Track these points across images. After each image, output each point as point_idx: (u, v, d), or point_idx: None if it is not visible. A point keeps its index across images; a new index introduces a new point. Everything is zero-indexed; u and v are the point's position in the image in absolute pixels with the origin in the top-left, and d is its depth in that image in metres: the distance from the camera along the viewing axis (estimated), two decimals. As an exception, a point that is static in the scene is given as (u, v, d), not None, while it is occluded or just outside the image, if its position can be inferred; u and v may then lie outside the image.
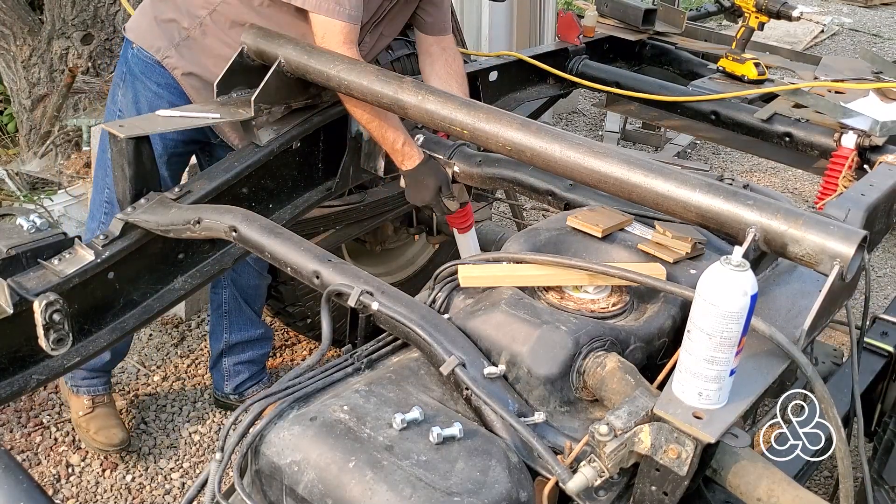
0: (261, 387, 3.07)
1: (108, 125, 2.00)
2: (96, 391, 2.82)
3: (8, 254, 1.79)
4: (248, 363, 3.02)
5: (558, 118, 5.84)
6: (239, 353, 2.98)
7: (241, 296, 2.88)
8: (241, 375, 3.02)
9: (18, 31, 4.03)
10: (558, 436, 1.34)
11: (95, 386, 2.82)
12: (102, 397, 2.84)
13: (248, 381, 3.04)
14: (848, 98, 2.51)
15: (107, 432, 2.79)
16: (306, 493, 1.22)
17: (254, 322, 2.95)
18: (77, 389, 2.81)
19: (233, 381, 3.03)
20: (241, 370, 3.02)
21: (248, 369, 3.03)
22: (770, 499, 1.21)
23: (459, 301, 1.58)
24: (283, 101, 2.21)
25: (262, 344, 3.03)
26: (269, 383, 3.10)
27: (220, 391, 3.07)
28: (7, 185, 4.01)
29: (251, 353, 3.01)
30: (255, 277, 2.86)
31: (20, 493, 1.31)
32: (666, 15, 3.40)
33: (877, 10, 9.74)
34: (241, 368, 3.01)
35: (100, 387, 2.83)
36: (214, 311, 2.93)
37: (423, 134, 2.34)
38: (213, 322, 2.96)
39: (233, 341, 2.95)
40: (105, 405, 2.84)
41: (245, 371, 3.02)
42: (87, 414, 2.81)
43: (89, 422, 2.80)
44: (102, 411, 2.83)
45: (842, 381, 2.10)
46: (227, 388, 3.04)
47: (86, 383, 2.80)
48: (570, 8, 6.77)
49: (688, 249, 1.62)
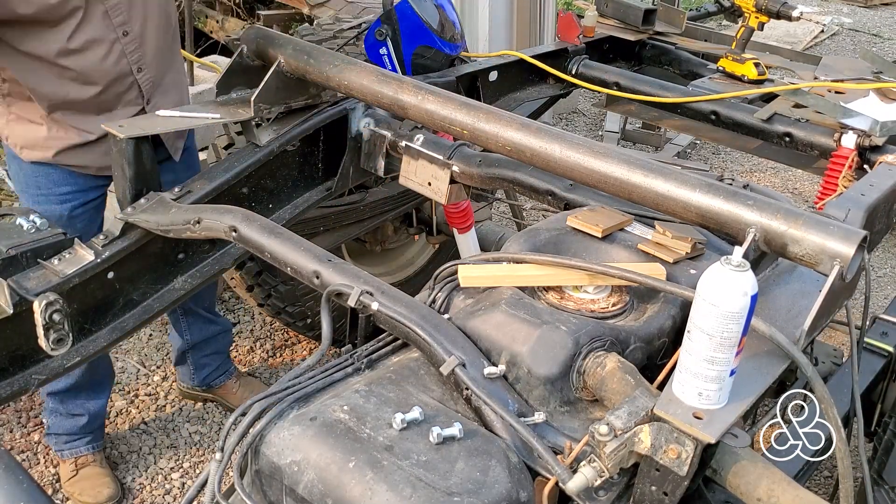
0: (227, 377, 3.11)
1: (107, 125, 2.00)
2: (78, 452, 2.75)
3: (8, 254, 1.79)
4: (213, 355, 3.05)
5: (558, 118, 5.84)
6: (203, 348, 3.01)
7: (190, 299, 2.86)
8: (208, 368, 3.07)
9: (18, 31, 4.01)
10: (558, 436, 1.34)
11: (77, 447, 2.74)
12: (86, 457, 2.76)
13: (214, 373, 3.09)
14: (848, 98, 2.51)
15: (92, 492, 2.71)
16: (306, 493, 1.22)
17: (210, 320, 2.97)
18: (62, 454, 2.75)
19: (200, 374, 3.07)
20: (207, 363, 3.06)
21: (214, 361, 3.07)
22: (770, 499, 1.21)
23: (459, 301, 1.58)
24: (283, 101, 2.21)
25: (222, 337, 3.06)
26: (235, 373, 3.15)
27: (185, 384, 3.12)
28: (7, 186, 4.01)
29: (214, 346, 3.04)
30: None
31: (20, 493, 1.31)
32: (666, 15, 3.39)
33: (877, 10, 9.73)
34: (207, 361, 3.05)
35: (82, 447, 2.75)
36: (171, 314, 2.92)
37: (423, 134, 2.34)
38: (171, 323, 2.97)
39: (194, 340, 2.97)
40: (90, 465, 2.76)
41: (211, 363, 3.06)
42: (72, 478, 2.73)
43: (74, 485, 2.73)
44: (87, 472, 2.74)
45: (842, 381, 2.10)
46: (194, 381, 3.09)
47: (68, 446, 2.74)
48: (570, 8, 6.77)
49: (688, 249, 1.62)
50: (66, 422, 2.69)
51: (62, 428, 2.70)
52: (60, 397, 2.61)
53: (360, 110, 2.38)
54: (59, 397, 2.61)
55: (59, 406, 2.65)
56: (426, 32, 2.66)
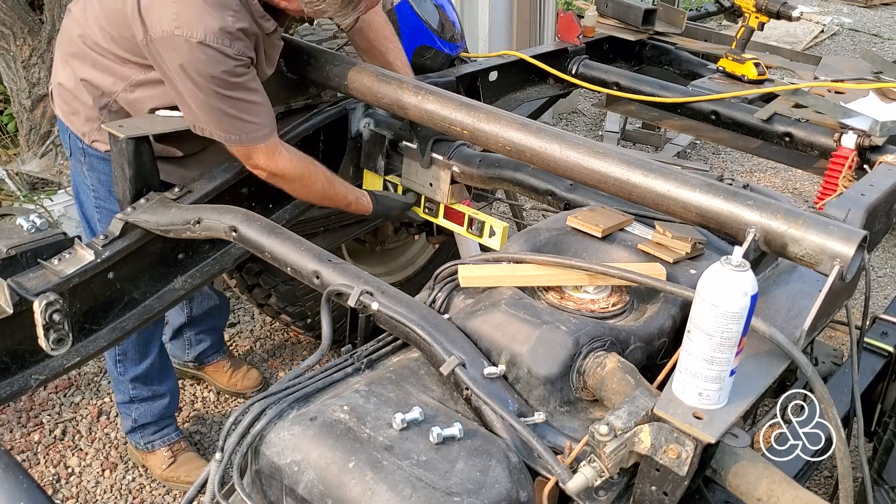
0: (220, 355, 3.12)
1: (107, 125, 2.00)
2: (170, 439, 2.77)
3: (8, 254, 1.80)
4: (210, 331, 3.06)
5: (558, 118, 5.84)
6: (201, 322, 3.01)
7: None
8: (203, 344, 3.07)
9: (18, 31, 4.02)
10: (558, 436, 1.34)
11: (168, 435, 2.77)
12: (179, 443, 2.79)
13: (209, 350, 3.09)
14: (848, 98, 2.51)
15: (199, 471, 2.67)
16: (306, 493, 1.22)
17: (209, 294, 2.97)
18: (152, 446, 2.76)
19: (195, 350, 3.07)
20: (203, 338, 3.06)
21: (210, 337, 3.07)
22: (770, 499, 1.21)
23: (459, 301, 1.58)
24: (283, 102, 2.21)
25: (221, 311, 3.06)
26: (227, 353, 3.16)
27: (177, 359, 3.09)
28: (7, 185, 4.01)
29: (212, 322, 3.04)
30: None
31: (20, 493, 1.31)
32: (666, 15, 3.39)
33: (877, 10, 9.73)
34: (203, 337, 3.06)
35: (172, 434, 2.78)
36: None
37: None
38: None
39: (195, 314, 2.97)
40: (185, 450, 2.80)
41: (207, 339, 3.07)
42: (171, 464, 2.76)
43: (177, 470, 2.75)
44: (186, 457, 2.78)
45: (842, 381, 2.10)
46: (187, 357, 3.09)
47: (159, 436, 2.75)
48: (570, 8, 6.77)
49: (688, 249, 1.62)
50: (153, 407, 2.69)
51: (150, 415, 2.70)
52: (143, 379, 2.60)
53: (360, 110, 2.38)
54: (142, 379, 2.61)
55: (142, 390, 2.64)
56: (426, 32, 2.66)
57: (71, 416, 3.01)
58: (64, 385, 3.14)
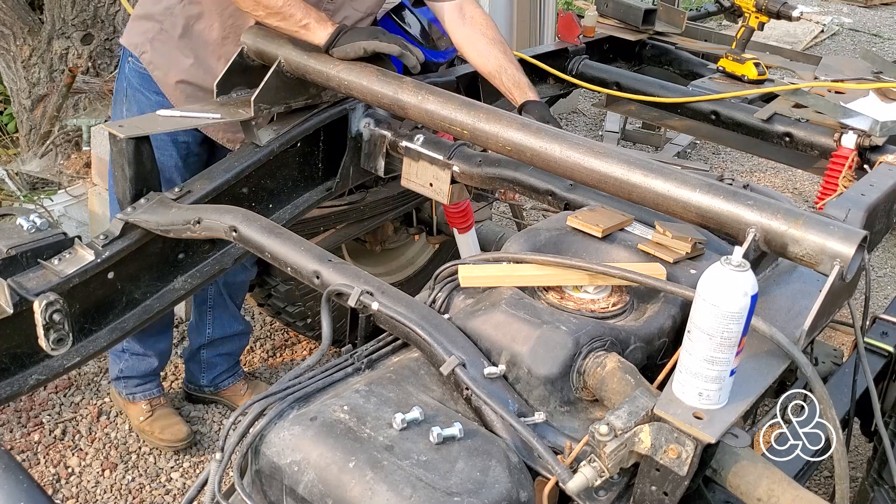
0: (235, 379, 3.10)
1: (108, 125, 2.01)
2: (152, 394, 2.90)
3: (8, 254, 1.79)
4: (227, 355, 3.05)
5: (558, 118, 5.82)
6: (219, 346, 3.01)
7: (226, 291, 2.89)
8: (219, 367, 3.06)
9: (18, 31, 4.03)
10: (558, 436, 1.34)
11: (150, 390, 2.90)
12: (159, 399, 2.92)
13: (224, 374, 3.07)
14: (848, 98, 2.51)
15: (171, 430, 2.88)
16: (306, 493, 1.22)
17: (236, 317, 2.98)
18: (133, 397, 2.89)
19: (210, 374, 3.06)
20: (219, 362, 3.05)
21: (226, 361, 3.06)
22: (770, 499, 1.21)
23: (459, 301, 1.58)
24: (283, 101, 2.21)
25: (241, 338, 3.07)
26: (244, 375, 3.14)
27: (194, 384, 3.10)
28: (7, 185, 4.01)
29: (230, 347, 3.04)
30: (242, 273, 2.86)
31: (20, 493, 1.31)
32: (666, 15, 3.40)
33: (877, 10, 9.74)
34: (219, 360, 3.05)
35: (154, 389, 2.91)
36: (198, 307, 2.94)
37: (423, 134, 2.34)
38: (195, 317, 2.97)
39: (215, 336, 2.97)
40: (163, 406, 2.93)
41: (223, 363, 3.05)
42: (148, 417, 2.89)
43: (152, 424, 2.89)
44: (162, 412, 2.91)
45: (842, 381, 2.10)
46: (202, 381, 3.08)
47: (140, 389, 2.88)
48: (570, 8, 6.77)
49: (688, 249, 1.62)
50: (140, 364, 2.81)
51: (136, 371, 2.82)
52: (139, 335, 2.61)
53: (360, 110, 2.38)
54: (137, 336, 2.65)
55: (135, 345, 2.73)
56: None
57: (71, 416, 3.01)
58: (64, 385, 3.14)
